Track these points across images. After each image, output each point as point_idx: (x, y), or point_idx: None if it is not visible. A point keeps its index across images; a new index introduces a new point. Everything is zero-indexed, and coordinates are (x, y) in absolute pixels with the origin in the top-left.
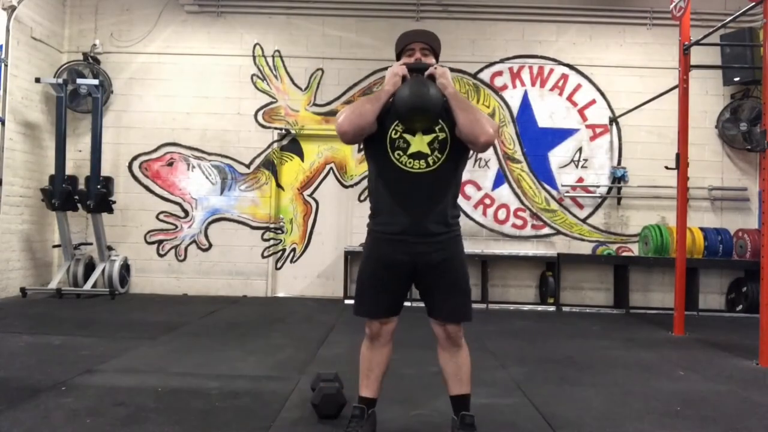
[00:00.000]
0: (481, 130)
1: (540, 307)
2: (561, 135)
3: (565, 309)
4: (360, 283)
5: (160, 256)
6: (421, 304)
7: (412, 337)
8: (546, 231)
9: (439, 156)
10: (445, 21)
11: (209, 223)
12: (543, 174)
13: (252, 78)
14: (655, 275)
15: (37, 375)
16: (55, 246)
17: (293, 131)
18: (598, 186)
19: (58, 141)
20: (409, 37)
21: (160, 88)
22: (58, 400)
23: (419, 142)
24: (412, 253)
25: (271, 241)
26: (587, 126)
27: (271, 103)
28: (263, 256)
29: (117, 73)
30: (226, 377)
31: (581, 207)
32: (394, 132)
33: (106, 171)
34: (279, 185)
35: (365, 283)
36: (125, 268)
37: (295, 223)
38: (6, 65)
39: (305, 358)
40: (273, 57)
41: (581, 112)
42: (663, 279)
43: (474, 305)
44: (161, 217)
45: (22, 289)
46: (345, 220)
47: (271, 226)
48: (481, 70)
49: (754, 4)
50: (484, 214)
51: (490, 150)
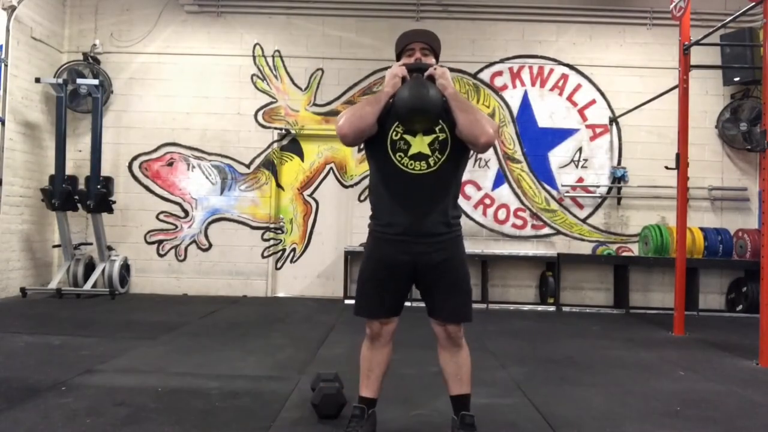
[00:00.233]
0: (481, 131)
1: (540, 307)
2: (561, 135)
3: (565, 309)
4: (360, 283)
5: (160, 256)
6: (422, 304)
7: (412, 337)
8: (546, 231)
9: (439, 156)
10: (445, 21)
11: (209, 223)
12: (543, 174)
13: (252, 78)
14: (655, 275)
15: (37, 375)
16: (55, 246)
17: (293, 131)
18: (598, 186)
19: (58, 141)
20: (408, 37)
21: (160, 88)
22: (58, 400)
23: (420, 143)
24: (413, 252)
25: (271, 241)
26: (587, 126)
27: (271, 103)
28: (263, 256)
29: (117, 73)
30: (226, 377)
31: (581, 207)
32: (394, 133)
33: (106, 171)
34: (279, 185)
35: (366, 283)
36: (125, 268)
37: (295, 223)
38: (6, 65)
39: (305, 358)
40: (273, 57)
41: (581, 112)
42: (663, 279)
43: (474, 305)
44: (161, 217)
45: (22, 289)
46: (345, 220)
47: (271, 226)
48: (481, 70)
49: (754, 4)
50: (484, 214)
51: (490, 150)
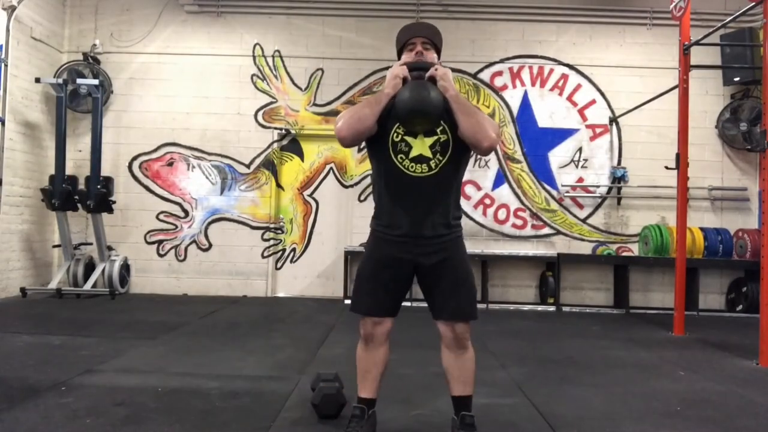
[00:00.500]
0: (483, 135)
1: (540, 307)
2: (561, 135)
3: (565, 309)
4: (358, 281)
5: (160, 256)
6: (421, 305)
7: (412, 337)
8: (546, 231)
9: (440, 158)
10: (445, 21)
11: (209, 223)
12: (543, 174)
13: (252, 78)
14: (655, 275)
15: (37, 375)
16: (55, 246)
17: (293, 131)
18: (598, 186)
19: (58, 141)
20: (410, 31)
21: (160, 88)
22: (58, 400)
23: (421, 145)
24: (414, 253)
25: (271, 241)
26: (587, 126)
27: (271, 103)
28: (263, 256)
29: (117, 73)
30: (226, 377)
31: (581, 207)
32: (395, 135)
33: (106, 171)
34: (279, 185)
35: (364, 281)
36: (125, 268)
37: (295, 223)
38: (6, 65)
39: (305, 358)
40: (273, 57)
41: (581, 112)
42: (663, 279)
43: None
44: (161, 217)
45: (22, 289)
46: (345, 220)
47: (271, 226)
48: (481, 70)
49: (754, 4)
50: (484, 214)
51: None
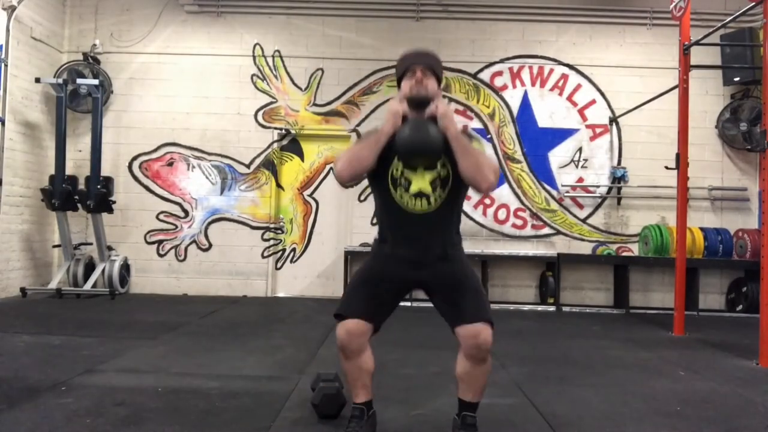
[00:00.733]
0: (482, 178)
1: (540, 307)
2: (561, 135)
3: (565, 309)
4: (351, 286)
5: (160, 256)
6: (422, 305)
7: (412, 337)
8: (546, 231)
9: (441, 194)
10: (445, 21)
11: (209, 223)
12: (543, 174)
13: (252, 78)
14: (655, 275)
15: (37, 375)
16: (55, 246)
17: (293, 131)
18: (598, 186)
19: (58, 141)
20: (409, 59)
21: (160, 88)
22: (58, 400)
23: (420, 180)
24: (417, 273)
25: (271, 241)
26: (587, 126)
27: (271, 103)
28: (263, 256)
29: (117, 73)
30: (226, 377)
31: (581, 207)
32: (395, 170)
33: (106, 171)
34: (279, 185)
35: (357, 287)
36: (125, 268)
37: (295, 223)
38: (6, 65)
39: (305, 358)
40: (273, 57)
41: (581, 112)
42: (663, 279)
43: None
44: (161, 217)
45: (22, 289)
46: (345, 220)
47: (271, 226)
48: (481, 70)
49: (754, 4)
50: (484, 214)
51: (490, 150)
